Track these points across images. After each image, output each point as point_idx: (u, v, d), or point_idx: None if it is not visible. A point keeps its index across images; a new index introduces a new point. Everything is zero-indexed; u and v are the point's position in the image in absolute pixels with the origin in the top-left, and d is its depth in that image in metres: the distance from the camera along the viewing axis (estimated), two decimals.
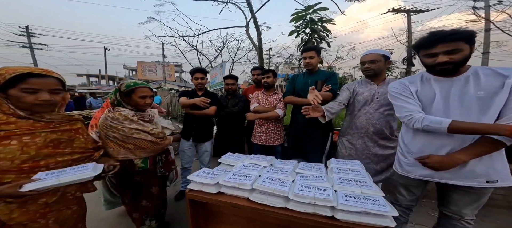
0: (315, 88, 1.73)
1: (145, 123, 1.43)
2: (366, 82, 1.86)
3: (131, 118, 1.37)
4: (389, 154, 1.78)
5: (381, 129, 1.74)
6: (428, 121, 1.16)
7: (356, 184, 1.10)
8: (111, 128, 1.31)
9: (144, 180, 1.47)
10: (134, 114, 1.40)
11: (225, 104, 2.49)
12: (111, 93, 1.47)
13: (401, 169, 1.41)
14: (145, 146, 1.39)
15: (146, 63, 16.94)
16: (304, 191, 1.02)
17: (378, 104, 1.75)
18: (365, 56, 1.77)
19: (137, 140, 1.35)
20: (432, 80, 1.24)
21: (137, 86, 1.40)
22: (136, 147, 1.36)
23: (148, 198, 1.50)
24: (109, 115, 1.36)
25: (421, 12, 11.58)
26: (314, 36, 3.24)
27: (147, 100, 1.44)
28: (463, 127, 1.07)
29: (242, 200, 1.10)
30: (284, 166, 1.45)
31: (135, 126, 1.36)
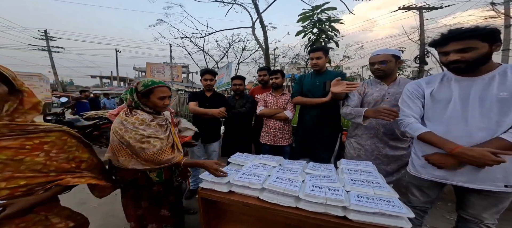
0: (340, 80, 1.71)
1: (160, 129, 1.28)
2: (375, 82, 1.83)
3: (148, 123, 1.23)
4: (400, 155, 1.74)
5: (392, 129, 1.71)
6: (407, 127, 1.30)
7: (369, 185, 1.09)
8: (126, 133, 1.17)
9: (162, 189, 1.37)
10: (152, 119, 1.26)
11: (232, 105, 2.51)
12: (125, 94, 1.34)
13: (413, 170, 1.39)
14: None
15: (155, 65, 17.31)
16: (315, 191, 1.02)
17: (389, 105, 1.71)
18: (375, 57, 1.74)
19: None
20: (453, 80, 1.20)
21: (155, 85, 1.25)
22: None
23: (167, 207, 1.41)
24: (125, 119, 1.21)
25: (434, 9, 11.16)
26: (322, 36, 3.22)
27: (166, 101, 1.31)
28: (426, 138, 1.20)
29: (252, 199, 1.11)
30: (293, 166, 1.45)
31: (151, 131, 1.21)
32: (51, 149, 0.92)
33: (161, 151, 1.18)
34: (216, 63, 6.07)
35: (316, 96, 2.05)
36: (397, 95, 1.68)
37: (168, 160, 1.18)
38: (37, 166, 0.88)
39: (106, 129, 4.33)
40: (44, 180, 0.91)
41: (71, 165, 1.00)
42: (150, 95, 1.24)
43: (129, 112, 1.24)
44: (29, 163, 0.86)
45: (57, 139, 0.95)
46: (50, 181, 0.92)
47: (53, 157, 0.93)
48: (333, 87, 1.69)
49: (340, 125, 2.20)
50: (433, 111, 1.26)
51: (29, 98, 0.88)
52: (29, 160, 0.86)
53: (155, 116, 1.29)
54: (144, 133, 1.17)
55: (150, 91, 1.24)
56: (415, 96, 1.35)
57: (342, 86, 1.65)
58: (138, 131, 1.17)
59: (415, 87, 1.36)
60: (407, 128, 1.31)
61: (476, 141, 1.09)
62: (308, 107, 2.13)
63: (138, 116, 1.22)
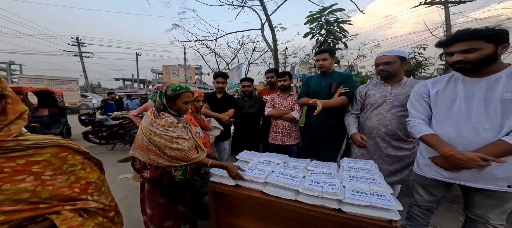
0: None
1: (185, 131, 1.36)
2: (380, 83, 1.87)
3: (176, 125, 1.30)
4: (404, 155, 1.77)
5: (394, 130, 1.73)
6: (413, 129, 1.35)
7: (365, 181, 1.16)
8: (156, 135, 1.24)
9: (179, 186, 1.44)
10: (177, 121, 1.33)
11: (241, 105, 2.63)
12: (153, 95, 1.38)
13: (418, 169, 1.43)
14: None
15: (171, 67, 18.11)
16: (313, 185, 1.11)
17: (390, 106, 1.75)
18: (380, 58, 1.78)
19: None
20: (460, 80, 1.22)
21: (182, 90, 1.32)
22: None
23: (183, 203, 1.48)
24: (154, 121, 1.27)
25: (462, 3, 10.15)
26: (330, 37, 3.25)
27: (189, 105, 1.38)
28: (426, 139, 1.26)
29: (256, 192, 1.23)
30: (296, 163, 1.54)
31: (179, 133, 1.29)
32: (43, 171, 0.71)
33: (190, 150, 1.27)
34: (227, 64, 6.27)
35: (322, 97, 2.11)
36: (400, 96, 1.71)
37: (195, 157, 1.28)
38: (23, 195, 0.66)
39: (129, 128, 4.74)
40: (34, 214, 0.67)
41: (73, 190, 0.77)
42: (177, 99, 1.31)
43: (158, 114, 1.30)
44: (10, 192, 0.64)
45: (53, 157, 0.74)
46: (41, 215, 0.69)
47: (47, 180, 0.71)
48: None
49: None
50: (438, 112, 1.29)
51: (14, 105, 0.69)
52: (9, 188, 0.64)
53: (178, 118, 1.37)
54: (173, 135, 1.25)
55: (177, 96, 1.31)
56: (421, 97, 1.38)
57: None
58: (168, 132, 1.24)
59: (421, 88, 1.40)
60: (412, 129, 1.36)
61: (482, 142, 1.11)
62: (313, 108, 2.20)
63: (167, 118, 1.29)
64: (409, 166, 1.74)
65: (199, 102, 1.94)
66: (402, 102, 1.68)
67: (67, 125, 6.48)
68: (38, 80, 13.20)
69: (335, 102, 2.00)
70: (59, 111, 6.32)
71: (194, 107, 1.90)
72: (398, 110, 1.71)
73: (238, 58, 6.40)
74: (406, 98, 1.60)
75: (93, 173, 0.86)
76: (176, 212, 1.45)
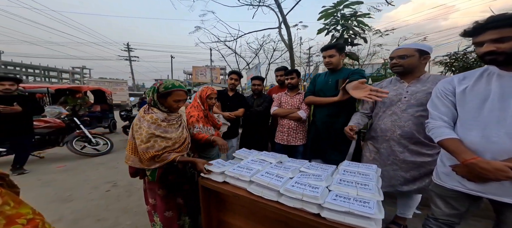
0: (363, 82, 1.55)
1: (169, 130, 1.36)
2: (396, 80, 1.70)
3: (159, 123, 1.31)
4: (424, 162, 1.57)
5: (411, 132, 1.55)
6: (431, 131, 1.18)
7: (355, 186, 1.07)
8: (138, 131, 1.27)
9: (177, 179, 1.48)
10: (164, 118, 1.35)
11: (251, 104, 2.65)
12: (149, 91, 1.40)
13: (437, 177, 1.27)
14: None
15: (199, 68, 19.28)
16: (295, 187, 1.06)
17: (407, 105, 1.57)
18: (395, 51, 1.62)
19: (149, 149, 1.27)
20: (495, 75, 1.04)
21: (175, 89, 1.33)
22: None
23: (182, 195, 1.51)
24: (142, 116, 1.31)
25: None
26: (348, 33, 3.05)
27: (180, 104, 1.39)
28: (445, 144, 1.10)
29: (241, 190, 1.22)
30: (293, 164, 1.49)
31: (160, 131, 1.30)
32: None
33: (161, 152, 1.27)
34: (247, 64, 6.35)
35: (328, 95, 2.01)
36: (418, 94, 1.53)
37: (162, 159, 1.29)
38: None
39: None
40: None
41: None
42: (168, 97, 1.34)
43: (147, 110, 1.35)
44: None
45: None
46: None
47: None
48: (354, 91, 1.54)
49: None
50: (465, 113, 1.11)
51: None
52: None
53: (169, 114, 1.40)
54: (154, 132, 1.28)
55: (169, 93, 1.33)
56: (444, 96, 1.20)
57: (364, 91, 1.47)
58: (150, 129, 1.27)
59: (445, 85, 1.22)
60: (431, 132, 1.20)
61: (496, 148, 0.95)
62: (319, 107, 2.10)
63: (153, 114, 1.32)
64: (430, 174, 1.54)
65: (212, 99, 1.94)
66: (421, 101, 1.50)
67: (114, 120, 7.57)
68: (100, 82, 15.86)
69: (335, 98, 1.87)
70: (108, 107, 7.46)
71: (207, 105, 1.93)
72: (416, 110, 1.53)
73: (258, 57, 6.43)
74: (427, 97, 1.42)
75: (23, 208, 0.65)
76: (176, 203, 1.50)
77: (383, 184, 1.73)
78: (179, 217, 1.50)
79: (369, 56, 6.75)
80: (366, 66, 7.04)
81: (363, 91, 1.46)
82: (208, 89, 1.94)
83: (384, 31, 5.38)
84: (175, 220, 1.49)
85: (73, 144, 4.44)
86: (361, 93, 1.46)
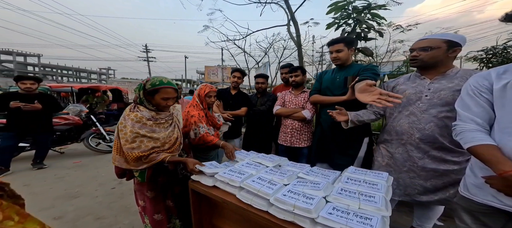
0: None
1: (157, 129, 1.29)
2: (415, 76, 1.50)
3: (145, 122, 1.25)
4: (448, 170, 1.37)
5: (433, 136, 1.35)
6: (459, 135, 1.00)
7: (358, 198, 0.92)
8: (122, 130, 1.21)
9: (167, 181, 1.42)
10: (150, 117, 1.28)
11: (254, 103, 2.54)
12: (136, 89, 1.33)
13: (464, 189, 1.07)
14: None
15: (211, 68, 19.60)
16: (287, 196, 0.94)
17: (428, 104, 1.37)
18: (417, 42, 1.40)
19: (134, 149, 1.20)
20: None
21: (162, 86, 1.25)
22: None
23: (172, 198, 1.46)
24: (128, 114, 1.24)
25: None
26: (361, 26, 2.82)
27: (169, 102, 1.31)
28: (478, 152, 0.91)
29: (231, 196, 1.12)
30: (292, 168, 1.37)
31: (146, 130, 1.23)
32: None
33: (148, 153, 1.21)
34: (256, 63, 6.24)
35: (335, 94, 1.84)
36: (442, 92, 1.32)
37: (150, 160, 1.23)
38: None
39: None
40: None
41: None
42: (155, 94, 1.26)
43: (133, 108, 1.29)
44: None
45: None
46: None
47: None
48: (361, 94, 1.32)
49: (367, 128, 1.89)
50: (506, 114, 0.91)
51: None
52: None
53: (157, 112, 1.32)
54: (139, 131, 1.21)
55: (155, 91, 1.25)
56: (478, 93, 0.99)
57: (372, 94, 1.24)
58: (134, 128, 1.20)
59: (479, 80, 1.00)
60: (459, 137, 1.02)
61: None
62: (325, 107, 1.94)
63: (138, 113, 1.24)
64: (456, 184, 1.32)
65: (210, 97, 1.87)
66: (446, 99, 1.30)
67: None
68: (122, 82, 16.82)
69: (343, 97, 1.70)
70: (124, 106, 8.08)
71: (206, 104, 1.86)
72: (440, 110, 1.32)
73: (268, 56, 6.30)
74: (454, 95, 1.24)
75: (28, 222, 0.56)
76: (165, 205, 1.44)
77: (398, 192, 1.54)
78: (169, 220, 1.44)
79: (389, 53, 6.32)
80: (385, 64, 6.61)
81: (371, 95, 1.24)
82: (206, 87, 1.85)
83: (406, 26, 4.98)
84: (165, 223, 1.43)
85: (89, 141, 4.64)
86: (368, 97, 1.25)
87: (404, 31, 4.75)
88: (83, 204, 2.39)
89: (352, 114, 1.61)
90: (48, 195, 2.62)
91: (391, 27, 4.45)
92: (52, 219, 2.10)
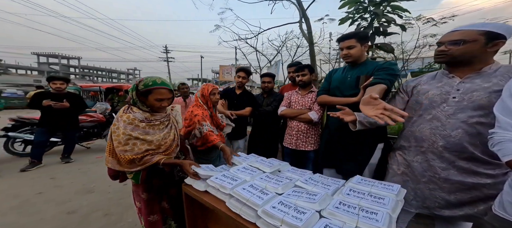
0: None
1: (151, 131, 1.26)
2: (442, 75, 1.30)
3: (137, 124, 1.22)
4: (478, 184, 1.17)
5: (461, 144, 1.15)
6: (497, 146, 0.83)
7: (357, 214, 0.81)
8: (115, 132, 1.20)
9: (163, 183, 1.40)
10: (143, 119, 1.25)
11: (260, 103, 2.46)
12: (130, 90, 1.30)
13: (500, 208, 0.90)
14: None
15: (225, 67, 19.85)
16: (276, 209, 0.85)
17: (456, 108, 1.17)
18: (447, 35, 1.20)
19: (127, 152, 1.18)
20: None
21: (155, 86, 1.21)
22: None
23: (167, 200, 1.44)
24: (121, 115, 1.22)
25: None
26: (380, 20, 2.59)
27: (164, 103, 1.27)
28: None
29: (221, 203, 1.06)
30: (292, 174, 1.27)
31: (139, 132, 1.21)
32: None
33: (142, 155, 1.19)
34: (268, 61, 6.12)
35: (345, 94, 1.69)
36: (475, 94, 1.12)
37: (144, 162, 1.20)
38: None
39: None
40: None
41: None
42: (149, 95, 1.23)
43: (127, 109, 1.26)
44: None
45: None
46: None
47: None
48: (364, 107, 1.16)
49: (382, 132, 1.72)
50: None
51: None
52: None
53: (152, 113, 1.29)
54: (132, 134, 1.19)
55: (149, 91, 1.22)
56: None
57: (375, 109, 1.07)
58: (127, 130, 1.18)
59: None
60: (497, 148, 0.86)
61: None
62: (334, 108, 1.79)
63: (130, 114, 1.22)
64: (488, 200, 1.14)
65: (215, 95, 1.85)
66: (479, 102, 1.10)
67: None
68: None
69: (354, 98, 1.55)
70: None
71: (211, 103, 1.85)
72: (471, 115, 1.12)
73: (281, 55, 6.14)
74: (490, 97, 1.05)
75: None
76: (160, 207, 1.43)
77: (414, 204, 1.37)
78: (164, 222, 1.42)
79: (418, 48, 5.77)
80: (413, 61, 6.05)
81: (375, 109, 1.08)
82: (209, 86, 1.85)
83: (441, 19, 4.45)
84: (160, 225, 1.41)
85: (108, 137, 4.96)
86: (371, 111, 1.09)
87: (436, 24, 4.26)
88: (96, 199, 2.51)
89: (361, 115, 1.45)
90: (69, 189, 2.80)
91: (420, 20, 4.03)
92: (66, 214, 2.23)
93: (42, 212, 2.26)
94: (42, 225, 2.05)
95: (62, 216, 2.19)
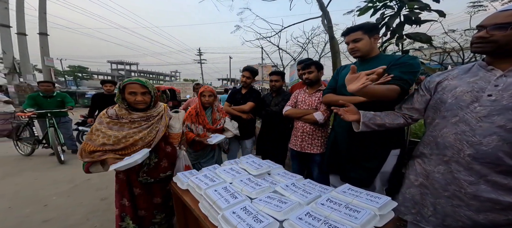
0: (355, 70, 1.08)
1: (115, 127, 1.31)
2: (479, 67, 1.04)
3: (105, 118, 1.32)
4: None
5: (494, 154, 0.92)
6: None
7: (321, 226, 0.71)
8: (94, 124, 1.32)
9: (144, 191, 1.44)
10: (116, 115, 1.33)
11: (268, 102, 2.40)
12: (117, 89, 1.49)
13: None
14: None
15: None
16: (235, 215, 0.82)
17: (491, 108, 0.93)
18: (491, 17, 0.95)
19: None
20: None
21: (128, 82, 1.31)
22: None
23: (160, 195, 1.49)
24: (104, 112, 1.35)
25: None
26: (409, 7, 2.24)
27: (138, 97, 1.30)
28: None
29: (195, 203, 1.07)
30: (280, 178, 1.21)
31: (103, 127, 1.30)
32: None
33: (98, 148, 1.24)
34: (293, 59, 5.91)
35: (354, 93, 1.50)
36: None
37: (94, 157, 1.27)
38: None
39: None
40: None
41: None
42: (125, 91, 1.31)
43: (111, 106, 1.40)
44: None
45: None
46: None
47: None
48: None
49: (397, 136, 1.48)
50: None
51: None
52: None
53: (130, 112, 1.35)
54: (97, 126, 1.31)
55: (124, 87, 1.31)
56: None
57: (357, 81, 1.01)
58: (96, 123, 1.32)
59: None
60: None
61: None
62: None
63: (109, 109, 1.36)
64: None
65: (204, 97, 2.02)
66: None
67: None
68: (182, 84, 20.31)
69: (363, 97, 1.35)
70: (178, 103, 9.40)
71: (200, 102, 2.02)
72: (511, 118, 0.89)
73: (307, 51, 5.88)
74: None
75: None
76: (151, 203, 1.48)
77: (433, 221, 1.15)
78: (122, 219, 1.44)
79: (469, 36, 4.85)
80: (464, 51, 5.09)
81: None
82: (203, 87, 2.08)
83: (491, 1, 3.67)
84: (119, 220, 1.45)
85: None
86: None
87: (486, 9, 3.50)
88: (104, 197, 2.64)
89: (367, 114, 1.26)
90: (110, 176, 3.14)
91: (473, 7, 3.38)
92: (100, 200, 2.58)
93: (83, 197, 2.64)
94: (80, 208, 2.40)
95: (96, 201, 2.53)
